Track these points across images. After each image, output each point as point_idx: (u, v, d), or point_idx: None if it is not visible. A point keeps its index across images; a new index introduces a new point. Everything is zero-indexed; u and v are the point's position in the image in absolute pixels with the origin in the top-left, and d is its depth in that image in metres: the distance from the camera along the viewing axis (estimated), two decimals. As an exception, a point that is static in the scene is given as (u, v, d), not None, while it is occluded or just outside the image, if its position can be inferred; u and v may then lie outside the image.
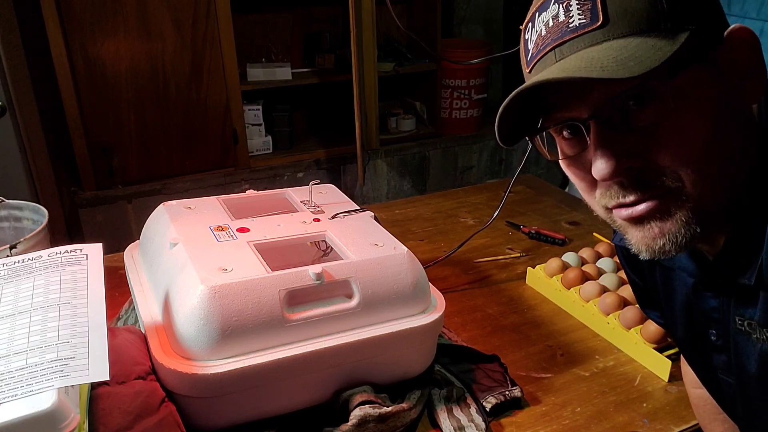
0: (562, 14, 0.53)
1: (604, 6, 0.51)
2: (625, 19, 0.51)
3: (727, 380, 0.67)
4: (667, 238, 0.55)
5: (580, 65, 0.50)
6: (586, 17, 0.52)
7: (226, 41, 2.37)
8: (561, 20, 0.53)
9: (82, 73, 2.19)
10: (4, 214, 1.16)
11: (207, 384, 0.72)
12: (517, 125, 0.59)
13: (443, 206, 1.58)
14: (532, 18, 0.57)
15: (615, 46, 0.50)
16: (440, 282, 1.19)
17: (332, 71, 2.78)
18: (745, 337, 0.60)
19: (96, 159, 2.30)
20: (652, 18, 0.50)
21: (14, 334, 0.62)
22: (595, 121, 0.54)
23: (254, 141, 2.68)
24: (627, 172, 0.54)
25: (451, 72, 2.95)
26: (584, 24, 0.52)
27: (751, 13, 1.46)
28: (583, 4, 0.52)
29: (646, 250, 0.56)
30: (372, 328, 0.81)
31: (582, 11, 0.52)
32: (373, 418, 0.77)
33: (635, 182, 0.54)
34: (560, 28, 0.53)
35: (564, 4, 0.53)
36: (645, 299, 0.83)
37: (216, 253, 0.83)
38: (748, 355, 0.60)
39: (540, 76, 0.52)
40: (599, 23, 0.51)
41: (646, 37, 0.50)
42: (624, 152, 0.53)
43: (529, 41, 0.57)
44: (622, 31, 0.51)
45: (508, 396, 0.87)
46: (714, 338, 0.65)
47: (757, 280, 0.55)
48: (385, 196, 2.92)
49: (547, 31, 0.54)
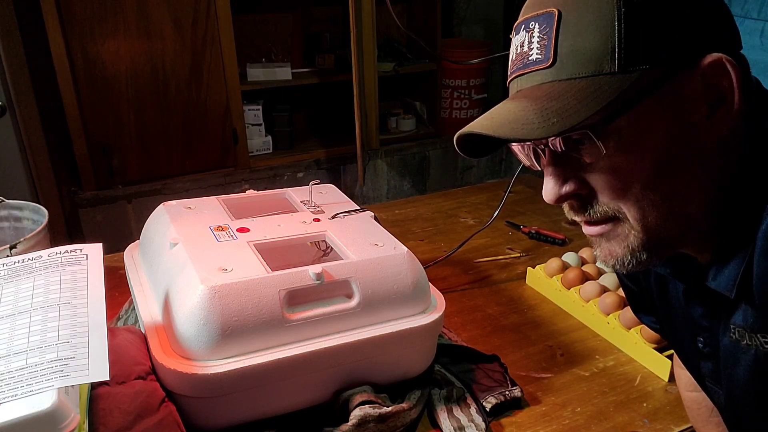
0: (526, 44, 0.54)
1: (557, 45, 0.52)
2: (572, 61, 0.51)
3: (714, 388, 0.67)
4: (616, 260, 0.57)
5: (510, 117, 0.52)
6: (542, 53, 0.53)
7: (226, 41, 2.37)
8: (524, 50, 0.55)
9: (82, 73, 2.19)
10: (4, 214, 1.16)
11: (207, 384, 0.72)
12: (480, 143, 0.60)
13: (443, 206, 1.58)
14: (516, 30, 0.57)
15: (555, 92, 0.51)
16: (440, 282, 1.19)
17: (332, 71, 2.78)
18: (734, 344, 0.59)
19: (96, 159, 2.30)
20: (599, 61, 0.50)
21: (14, 334, 0.62)
22: (548, 148, 0.55)
23: (254, 141, 2.68)
24: (575, 196, 0.56)
25: (451, 72, 2.95)
26: (539, 60, 0.53)
27: (752, 13, 1.46)
28: (541, 38, 0.53)
29: (604, 264, 0.60)
30: (372, 328, 0.82)
31: (540, 46, 0.53)
32: (373, 418, 0.77)
33: (582, 207, 0.56)
34: (522, 58, 0.55)
35: (529, 34, 0.54)
36: (638, 304, 0.82)
37: (216, 253, 0.83)
38: (736, 363, 0.60)
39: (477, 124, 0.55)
40: (549, 63, 0.52)
41: (590, 81, 0.50)
42: (570, 178, 0.55)
43: (509, 57, 0.59)
44: (567, 73, 0.51)
45: (508, 396, 0.87)
46: (701, 345, 0.65)
47: (737, 294, 0.55)
48: (385, 196, 2.92)
49: (515, 56, 0.56)
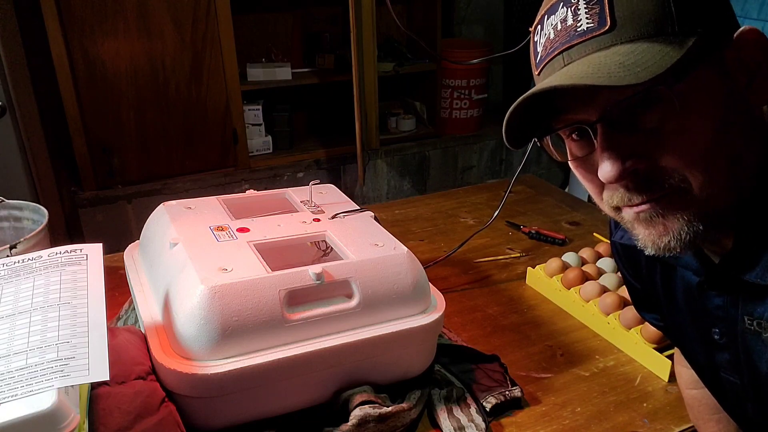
0: (570, 18, 0.53)
1: (612, 10, 0.51)
2: (633, 23, 0.51)
3: (730, 379, 0.67)
4: (671, 235, 0.55)
5: (587, 71, 0.50)
6: (594, 21, 0.52)
7: (226, 41, 2.37)
8: (569, 24, 0.53)
9: (82, 73, 2.19)
10: (4, 214, 1.16)
11: (207, 384, 0.72)
12: (524, 128, 0.59)
13: (443, 206, 1.58)
14: (541, 20, 0.57)
15: (622, 51, 0.50)
16: (440, 282, 1.19)
17: (332, 71, 2.78)
18: (755, 336, 0.59)
19: (96, 159, 2.30)
20: (660, 22, 0.50)
21: (14, 334, 0.62)
22: (602, 124, 0.54)
23: (254, 141, 2.68)
24: (633, 174, 0.54)
25: (451, 72, 2.95)
26: (592, 28, 0.52)
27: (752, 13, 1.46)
28: (591, 7, 0.52)
29: (652, 246, 0.57)
30: (372, 328, 0.81)
31: (590, 15, 0.52)
32: (373, 418, 0.77)
33: (641, 184, 0.55)
34: (568, 32, 0.53)
35: (572, 8, 0.53)
36: (642, 302, 0.83)
37: (216, 253, 0.83)
38: (759, 354, 0.60)
39: (547, 82, 0.52)
40: (607, 27, 0.51)
41: (654, 42, 0.50)
42: (629, 154, 0.53)
43: (538, 44, 0.57)
44: (630, 35, 0.51)
45: (508, 396, 0.87)
46: (717, 336, 0.65)
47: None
48: (385, 196, 2.92)
49: (555, 35, 0.54)
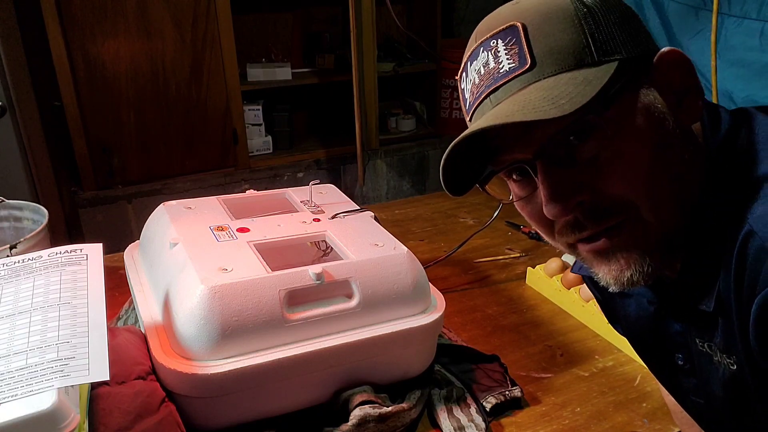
0: (492, 61, 0.54)
1: (530, 48, 0.52)
2: (552, 58, 0.51)
3: (698, 401, 0.66)
4: (634, 268, 0.54)
5: (514, 109, 0.51)
6: (515, 61, 0.52)
7: (226, 41, 2.37)
8: (491, 67, 0.54)
9: (82, 73, 2.19)
10: (4, 214, 1.16)
11: (207, 384, 0.72)
12: (464, 174, 0.59)
13: (443, 206, 1.58)
14: (465, 68, 0.57)
15: (546, 86, 0.51)
16: (440, 282, 1.19)
17: (332, 71, 2.78)
18: (707, 358, 0.59)
19: (96, 159, 2.30)
20: (578, 54, 0.51)
21: (14, 334, 0.62)
22: (541, 160, 0.53)
23: (254, 141, 2.68)
24: (579, 207, 0.54)
25: (451, 72, 2.95)
26: (514, 68, 0.53)
27: (751, 13, 1.46)
28: (510, 48, 0.53)
29: (615, 283, 0.56)
30: (372, 328, 0.81)
31: (510, 56, 0.53)
32: (373, 418, 0.77)
33: (589, 216, 0.54)
34: (492, 75, 0.54)
35: (492, 51, 0.54)
36: (611, 315, 0.80)
37: (216, 253, 0.83)
38: (711, 376, 0.60)
39: (477, 125, 0.52)
40: (528, 65, 0.52)
41: (576, 72, 0.51)
42: (572, 187, 0.53)
43: (466, 90, 0.58)
44: (551, 70, 0.51)
45: (508, 396, 0.87)
46: (681, 362, 0.64)
47: (716, 307, 0.55)
48: (385, 196, 2.92)
49: (480, 79, 0.55)
